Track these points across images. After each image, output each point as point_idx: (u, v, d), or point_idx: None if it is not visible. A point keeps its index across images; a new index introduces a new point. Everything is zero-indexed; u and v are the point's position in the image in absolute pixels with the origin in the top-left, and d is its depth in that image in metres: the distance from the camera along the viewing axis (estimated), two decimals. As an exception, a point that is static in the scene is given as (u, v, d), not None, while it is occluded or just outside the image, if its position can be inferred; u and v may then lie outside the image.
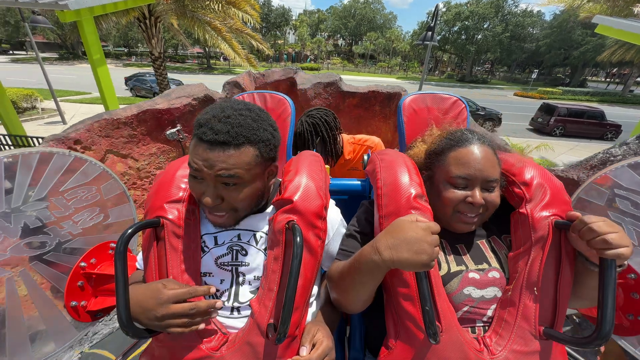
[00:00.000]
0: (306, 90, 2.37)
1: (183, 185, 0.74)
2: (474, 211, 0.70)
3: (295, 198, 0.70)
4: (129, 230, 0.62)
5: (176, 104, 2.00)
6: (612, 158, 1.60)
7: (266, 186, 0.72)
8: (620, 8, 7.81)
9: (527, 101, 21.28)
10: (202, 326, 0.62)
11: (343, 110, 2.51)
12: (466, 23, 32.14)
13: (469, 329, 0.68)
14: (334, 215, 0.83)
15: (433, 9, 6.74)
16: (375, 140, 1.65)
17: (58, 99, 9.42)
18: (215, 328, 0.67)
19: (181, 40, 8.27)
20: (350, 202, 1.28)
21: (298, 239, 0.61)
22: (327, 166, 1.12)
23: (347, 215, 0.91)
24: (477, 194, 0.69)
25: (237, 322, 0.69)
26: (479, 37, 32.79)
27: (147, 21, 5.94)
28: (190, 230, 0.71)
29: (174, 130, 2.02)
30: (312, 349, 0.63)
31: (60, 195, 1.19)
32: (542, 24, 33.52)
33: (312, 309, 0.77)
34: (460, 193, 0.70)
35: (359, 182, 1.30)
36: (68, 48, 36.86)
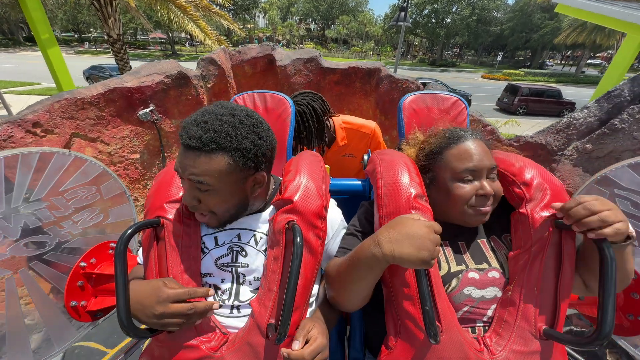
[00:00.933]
0: (286, 66, 2.30)
1: None
2: (486, 203, 0.71)
3: (296, 198, 0.69)
4: (129, 230, 0.62)
5: (147, 81, 1.86)
6: (574, 122, 1.74)
7: (249, 195, 0.70)
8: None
9: (493, 83, 22.28)
10: (198, 321, 0.63)
11: (324, 87, 2.48)
12: (435, 6, 32.60)
13: (469, 329, 0.68)
14: (335, 216, 0.82)
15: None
16: (371, 125, 1.53)
17: (1, 90, 8.38)
18: (215, 328, 0.67)
19: (141, 23, 7.53)
20: (350, 202, 1.26)
21: (298, 239, 0.60)
22: (327, 166, 1.08)
23: (347, 215, 0.90)
24: (487, 184, 0.70)
25: (237, 322, 0.69)
26: (448, 20, 33.49)
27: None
28: (190, 231, 0.70)
29: (147, 110, 1.88)
30: (305, 345, 0.61)
31: (60, 195, 1.17)
32: (506, 8, 34.86)
33: (312, 308, 0.77)
34: (470, 187, 0.71)
35: (359, 182, 1.28)
36: (6, 33, 32.58)
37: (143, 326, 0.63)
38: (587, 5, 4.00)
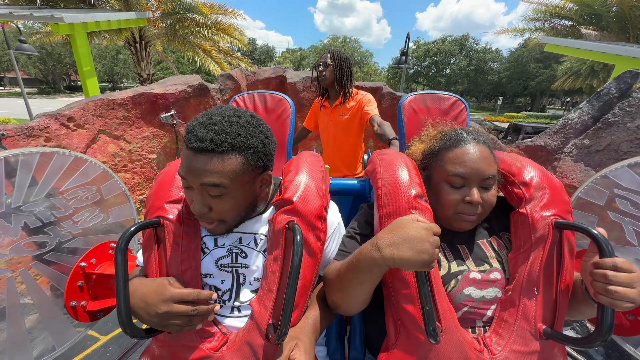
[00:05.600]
0: (295, 83, 2.54)
1: None
2: (472, 210, 0.70)
3: (295, 198, 0.69)
4: (131, 229, 0.63)
5: (172, 89, 2.08)
6: (569, 122, 1.81)
7: (258, 195, 0.71)
8: (562, 34, 9.12)
9: (496, 124, 23.05)
10: (199, 326, 0.63)
11: (330, 103, 2.68)
12: (435, 58, 35.57)
13: (469, 329, 0.68)
14: (333, 217, 0.82)
15: (404, 44, 7.48)
16: (363, 93, 1.80)
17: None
18: (216, 328, 0.67)
19: (170, 71, 8.52)
20: (350, 202, 1.29)
21: (298, 237, 0.60)
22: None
23: (346, 215, 0.90)
24: (475, 193, 0.69)
25: (237, 322, 0.69)
26: (448, 70, 36.17)
27: (138, 45, 6.21)
28: (190, 231, 0.70)
29: (169, 114, 2.07)
30: None
31: (61, 195, 1.18)
32: (501, 59, 37.62)
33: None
34: (458, 193, 0.70)
35: (359, 182, 1.29)
36: (49, 82, 36.71)
37: (144, 326, 0.62)
38: (573, 43, 4.37)
